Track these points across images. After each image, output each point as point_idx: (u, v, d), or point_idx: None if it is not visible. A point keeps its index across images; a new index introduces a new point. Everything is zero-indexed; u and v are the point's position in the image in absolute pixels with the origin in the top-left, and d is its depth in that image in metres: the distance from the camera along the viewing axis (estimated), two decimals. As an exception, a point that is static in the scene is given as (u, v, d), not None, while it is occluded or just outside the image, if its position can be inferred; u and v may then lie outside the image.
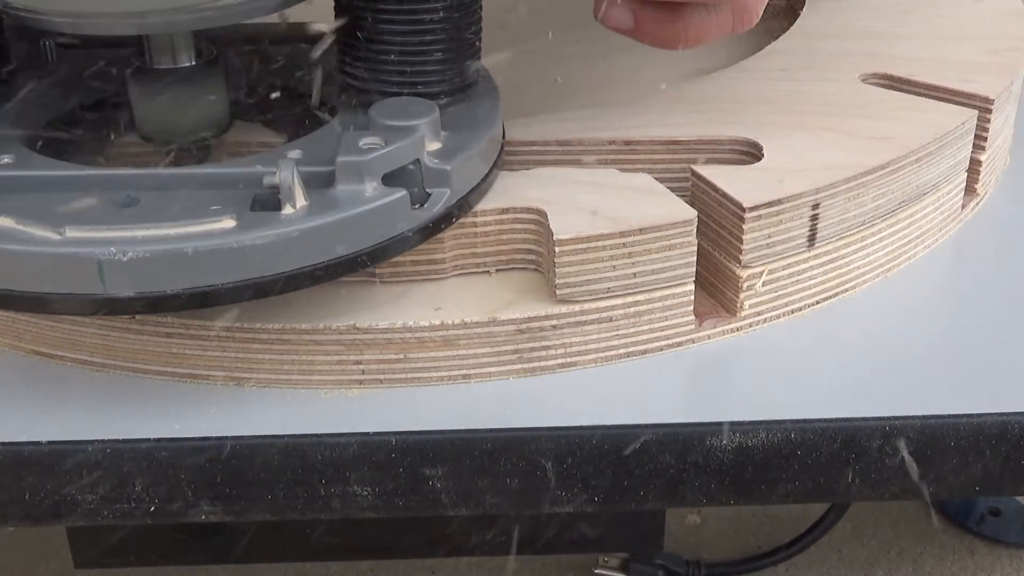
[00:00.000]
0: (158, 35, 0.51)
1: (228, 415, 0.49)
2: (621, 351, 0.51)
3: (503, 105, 0.54)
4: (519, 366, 0.50)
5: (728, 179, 0.52)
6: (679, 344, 0.52)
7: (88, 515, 0.48)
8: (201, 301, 0.44)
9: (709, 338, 0.52)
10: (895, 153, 0.54)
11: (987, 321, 0.54)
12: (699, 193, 0.53)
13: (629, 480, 0.48)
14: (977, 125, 0.58)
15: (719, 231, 0.52)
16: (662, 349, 0.52)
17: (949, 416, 0.48)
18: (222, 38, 0.54)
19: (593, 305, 0.50)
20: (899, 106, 0.58)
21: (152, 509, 0.48)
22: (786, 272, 0.53)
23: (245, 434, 0.47)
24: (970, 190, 0.61)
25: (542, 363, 0.50)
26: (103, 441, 0.47)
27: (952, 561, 1.13)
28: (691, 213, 0.50)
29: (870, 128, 0.56)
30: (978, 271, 0.58)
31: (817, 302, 0.54)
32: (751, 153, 0.55)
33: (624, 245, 0.49)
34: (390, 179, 0.47)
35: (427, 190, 0.48)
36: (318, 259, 0.45)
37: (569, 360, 0.51)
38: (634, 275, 0.50)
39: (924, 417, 0.48)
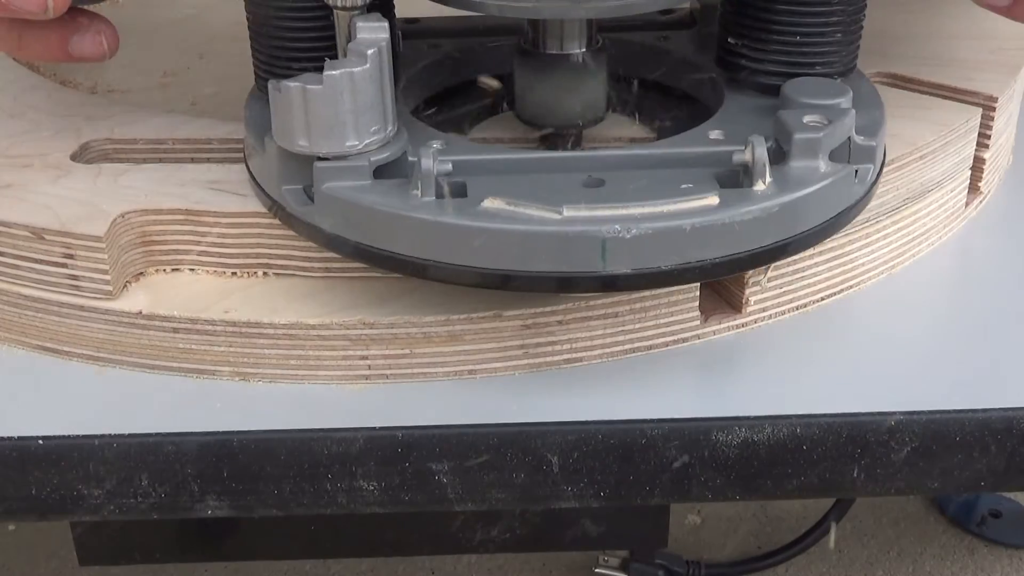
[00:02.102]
0: (554, 21, 0.52)
1: (234, 410, 0.49)
2: (627, 347, 0.51)
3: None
4: (525, 361, 0.50)
5: (734, 175, 0.52)
6: (684, 340, 0.52)
7: (94, 510, 0.48)
8: (691, 276, 0.45)
9: (715, 334, 0.53)
10: (899, 150, 0.54)
11: (991, 317, 0.54)
12: (705, 189, 0.53)
13: (635, 475, 0.48)
14: (981, 123, 0.59)
15: (725, 227, 0.52)
16: (668, 345, 0.52)
17: (954, 411, 0.48)
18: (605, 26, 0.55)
19: (599, 300, 0.50)
20: (903, 104, 0.58)
21: (158, 504, 0.48)
22: (791, 269, 0.53)
23: (251, 429, 0.47)
24: (974, 188, 0.61)
25: (548, 358, 0.50)
26: (109, 436, 0.47)
27: (952, 561, 1.13)
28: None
29: (874, 125, 0.56)
30: (982, 268, 0.58)
31: (822, 299, 0.55)
32: (756, 150, 0.55)
33: (631, 241, 0.49)
34: (830, 156, 0.47)
35: (854, 166, 0.48)
36: (784, 235, 0.46)
37: (575, 356, 0.51)
38: (640, 271, 0.50)
39: (929, 412, 0.48)
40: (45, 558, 1.10)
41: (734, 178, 0.46)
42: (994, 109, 0.59)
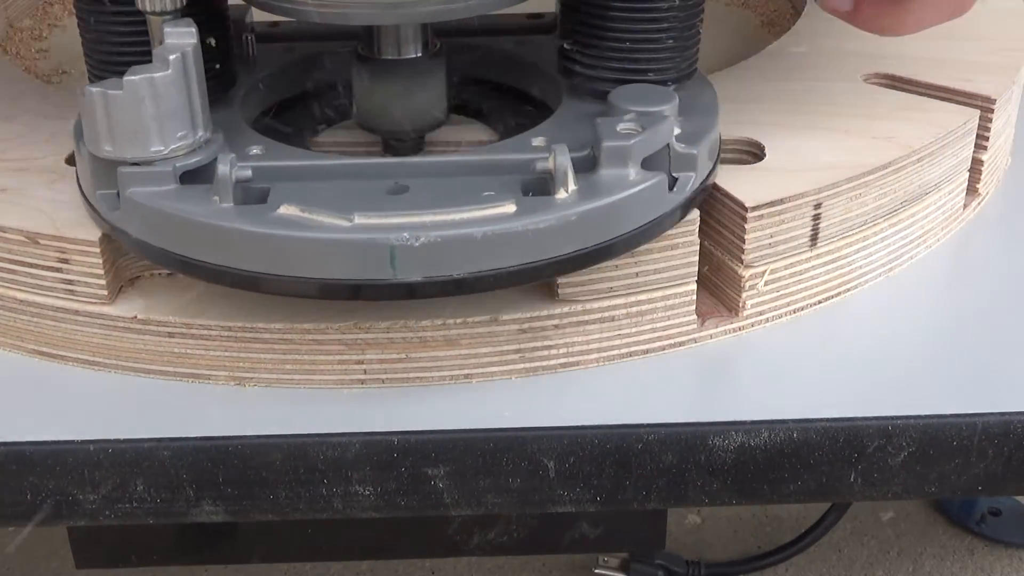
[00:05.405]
0: (389, 26, 0.52)
1: (230, 415, 0.49)
2: (623, 351, 0.51)
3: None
4: (521, 366, 0.50)
5: (730, 179, 0.52)
6: (681, 344, 0.52)
7: (90, 515, 0.48)
8: (486, 284, 0.45)
9: (711, 338, 0.52)
10: (897, 153, 0.54)
11: (989, 320, 0.54)
12: (701, 193, 0.53)
13: (631, 480, 0.48)
14: (979, 125, 0.58)
15: (721, 231, 0.52)
16: (664, 349, 0.52)
17: (951, 416, 0.48)
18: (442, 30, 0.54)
19: (595, 304, 0.50)
20: (901, 106, 0.58)
21: (154, 509, 0.48)
22: (788, 272, 0.53)
23: (247, 434, 0.47)
24: (972, 190, 0.61)
25: (544, 363, 0.50)
26: (105, 441, 0.47)
27: (952, 561, 1.13)
28: (693, 212, 0.50)
29: (872, 128, 0.56)
30: (980, 270, 0.58)
31: (819, 302, 0.54)
32: (753, 153, 0.55)
33: (627, 244, 0.49)
34: (645, 164, 0.47)
35: (674, 174, 0.48)
36: (588, 243, 0.46)
37: (571, 360, 0.51)
38: (636, 274, 0.50)
39: (926, 416, 0.48)
40: (45, 558, 1.10)
41: (544, 186, 0.46)
42: (992, 111, 0.59)
